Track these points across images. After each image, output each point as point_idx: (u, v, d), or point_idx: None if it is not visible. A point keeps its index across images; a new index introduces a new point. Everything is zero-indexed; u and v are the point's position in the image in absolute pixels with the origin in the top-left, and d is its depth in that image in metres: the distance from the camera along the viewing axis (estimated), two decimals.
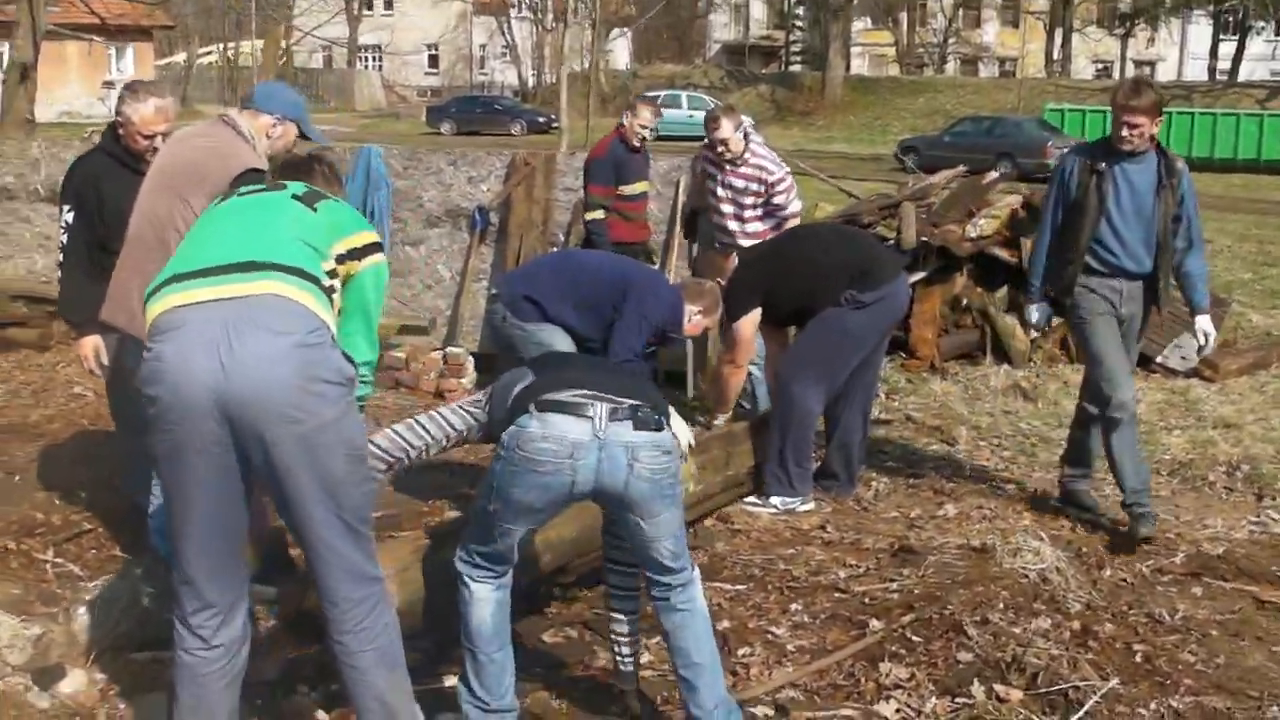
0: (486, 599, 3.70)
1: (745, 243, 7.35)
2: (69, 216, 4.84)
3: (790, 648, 4.64)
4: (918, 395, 9.02)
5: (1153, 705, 4.30)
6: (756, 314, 6.31)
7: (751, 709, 4.15)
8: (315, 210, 3.27)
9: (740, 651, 4.57)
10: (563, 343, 5.51)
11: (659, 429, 3.61)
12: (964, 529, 5.95)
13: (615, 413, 3.51)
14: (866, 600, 5.08)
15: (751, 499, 6.12)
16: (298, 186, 3.37)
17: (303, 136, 4.69)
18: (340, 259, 3.24)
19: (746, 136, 7.43)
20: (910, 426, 8.19)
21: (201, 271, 3.03)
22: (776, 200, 7.50)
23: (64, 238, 4.92)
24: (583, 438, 3.47)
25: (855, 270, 6.18)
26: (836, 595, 5.14)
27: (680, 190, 8.74)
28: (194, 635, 3.13)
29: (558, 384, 3.56)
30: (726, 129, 7.34)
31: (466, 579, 3.71)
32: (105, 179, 4.78)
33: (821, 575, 5.36)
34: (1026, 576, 5.29)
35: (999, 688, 4.34)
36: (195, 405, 2.91)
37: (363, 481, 3.09)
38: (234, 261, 3.03)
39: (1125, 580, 5.45)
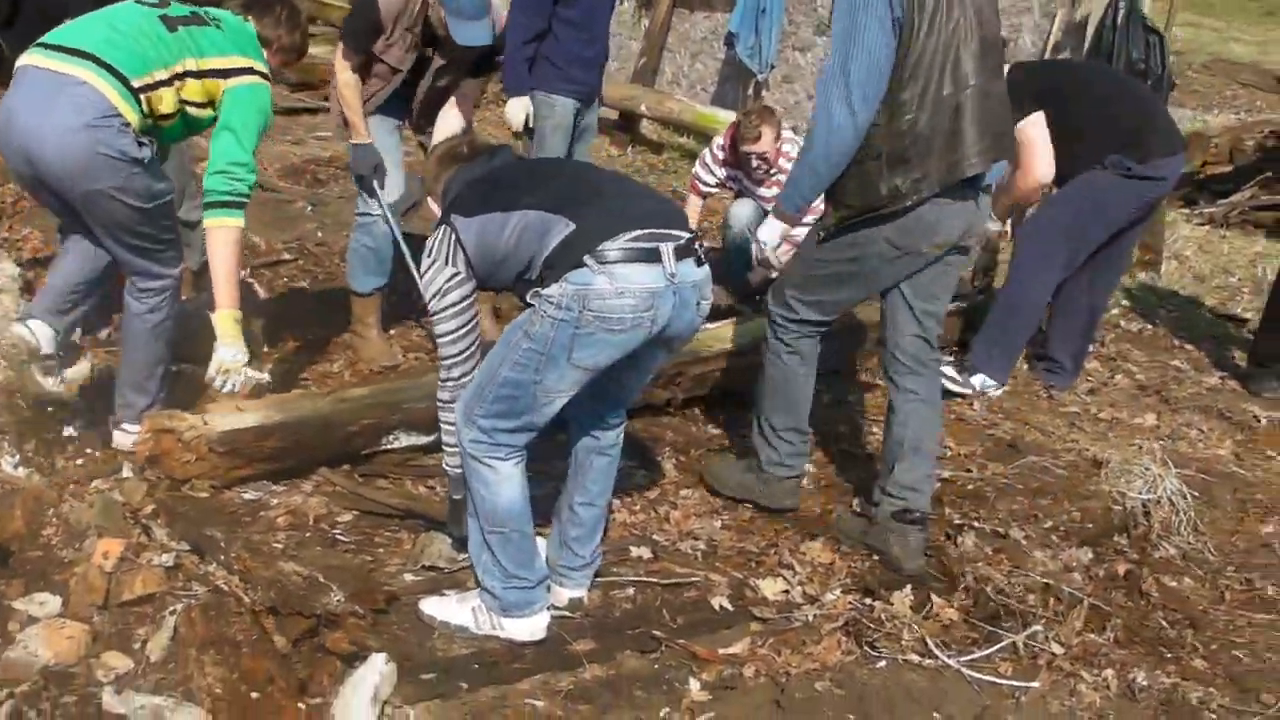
0: (513, 475, 3.29)
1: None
2: None
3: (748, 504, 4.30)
4: None
5: (1107, 672, 3.57)
6: (1041, 116, 5.13)
7: (634, 547, 3.95)
8: (174, 31, 3.82)
9: (682, 493, 4.32)
10: None
11: (705, 262, 3.34)
12: (1124, 439, 5.10)
13: (679, 250, 3.16)
14: None
15: (950, 373, 5.47)
16: (178, 10, 3.93)
17: None
18: (190, 75, 3.82)
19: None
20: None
21: (55, 46, 3.74)
22: None
23: None
24: (657, 284, 3.10)
25: (1133, 131, 5.25)
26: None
27: None
28: None
29: (607, 226, 3.11)
30: (766, 139, 6.00)
31: (488, 460, 3.26)
32: None
33: None
34: (1120, 505, 4.49)
35: (938, 601, 3.79)
36: (13, 152, 3.76)
37: (155, 219, 3.85)
38: (74, 47, 3.70)
39: None
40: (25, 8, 4.41)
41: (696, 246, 3.26)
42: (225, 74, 3.89)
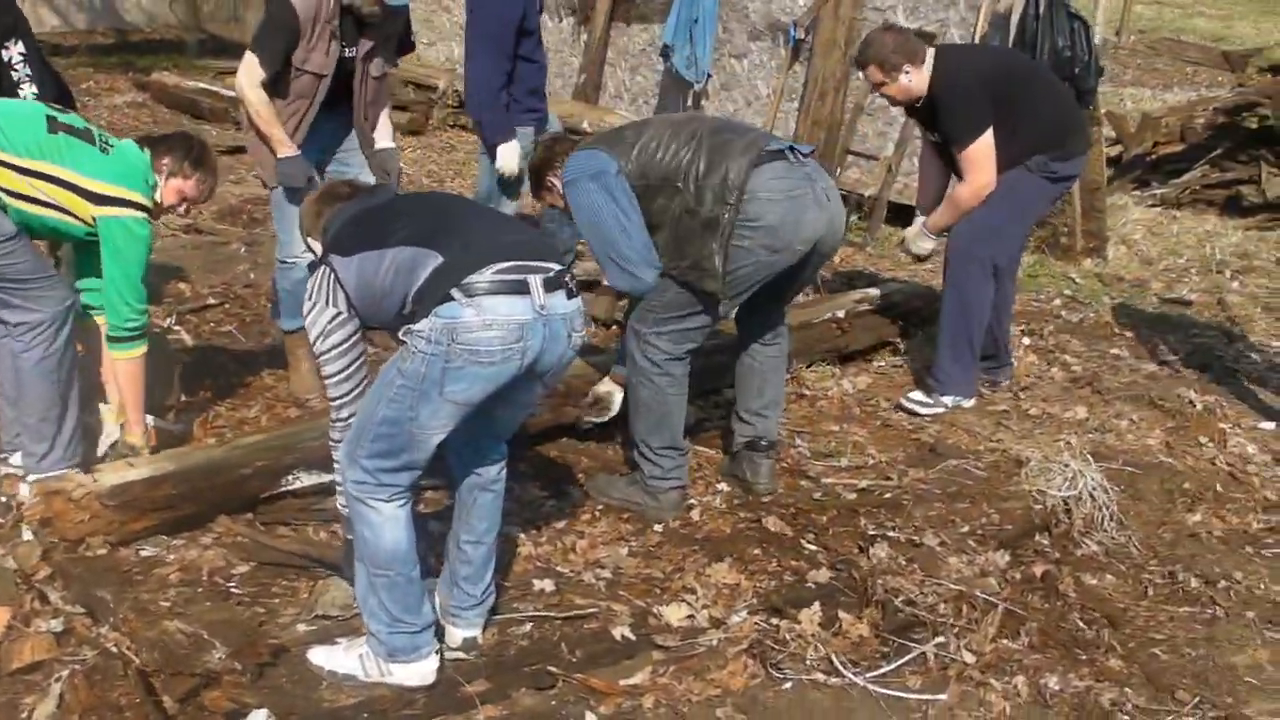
0: (397, 517, 3.25)
1: None
2: None
3: (658, 528, 4.25)
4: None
5: (1018, 678, 3.50)
6: (990, 135, 5.04)
7: (536, 580, 3.90)
8: (53, 133, 3.88)
9: (590, 522, 4.26)
10: None
11: (577, 294, 3.31)
12: (1050, 435, 5.04)
13: (548, 283, 3.16)
14: (818, 495, 4.51)
15: (917, 396, 5.37)
16: (74, 120, 4.02)
17: None
18: (55, 181, 3.85)
19: None
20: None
21: None
22: None
23: None
24: (526, 316, 3.09)
25: (1060, 131, 5.18)
26: (801, 484, 4.61)
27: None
28: None
29: (474, 259, 3.10)
30: None
31: (372, 502, 3.22)
32: None
33: (821, 460, 4.81)
34: (1041, 503, 4.43)
35: (846, 617, 3.72)
36: None
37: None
38: None
39: (1210, 534, 4.41)
40: None
41: (567, 279, 3.23)
42: (97, 199, 3.92)
